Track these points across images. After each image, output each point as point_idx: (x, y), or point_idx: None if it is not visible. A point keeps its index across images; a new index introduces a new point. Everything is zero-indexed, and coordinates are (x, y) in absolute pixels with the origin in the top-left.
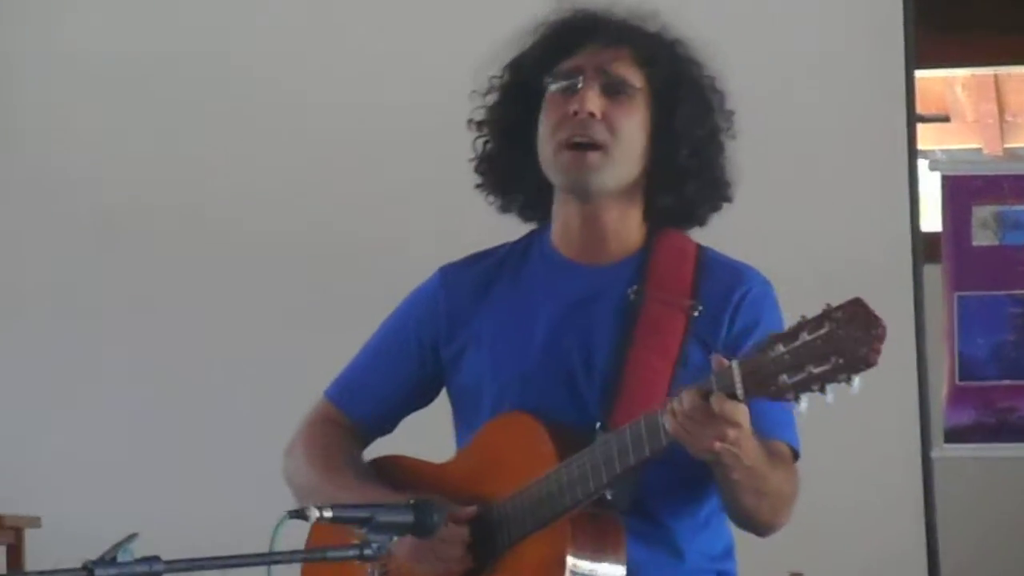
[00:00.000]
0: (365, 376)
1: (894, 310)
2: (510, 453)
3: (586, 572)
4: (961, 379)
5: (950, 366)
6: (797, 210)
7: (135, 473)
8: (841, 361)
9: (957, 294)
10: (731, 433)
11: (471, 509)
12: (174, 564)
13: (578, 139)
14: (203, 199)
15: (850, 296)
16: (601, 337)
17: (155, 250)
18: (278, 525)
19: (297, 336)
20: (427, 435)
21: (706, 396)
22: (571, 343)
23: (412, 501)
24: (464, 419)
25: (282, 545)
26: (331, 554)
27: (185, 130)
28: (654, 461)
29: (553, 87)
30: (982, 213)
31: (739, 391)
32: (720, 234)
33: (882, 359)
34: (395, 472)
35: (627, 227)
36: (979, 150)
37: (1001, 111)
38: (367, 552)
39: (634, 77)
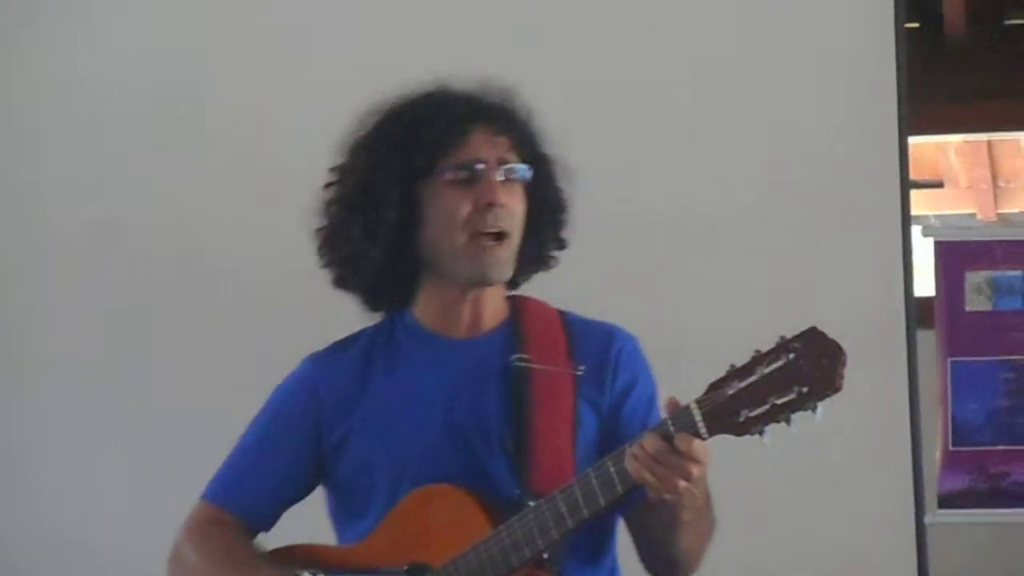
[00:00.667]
0: (248, 472)
1: (888, 375)
2: (437, 523)
3: None
4: (955, 444)
5: (944, 431)
6: (790, 276)
7: (130, 525)
8: (806, 390)
9: (951, 359)
10: (695, 471)
11: None
12: None
13: (491, 229)
14: (202, 203)
15: (848, 363)
16: (495, 406)
17: (151, 256)
18: None
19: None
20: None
21: (668, 438)
22: (465, 416)
23: (407, 567)
24: (349, 506)
25: None
26: None
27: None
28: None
29: (450, 175)
30: (976, 278)
31: (702, 430)
32: (712, 302)
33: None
34: (301, 560)
35: (497, 298)
36: (973, 215)
37: (995, 176)
38: None
39: (519, 162)
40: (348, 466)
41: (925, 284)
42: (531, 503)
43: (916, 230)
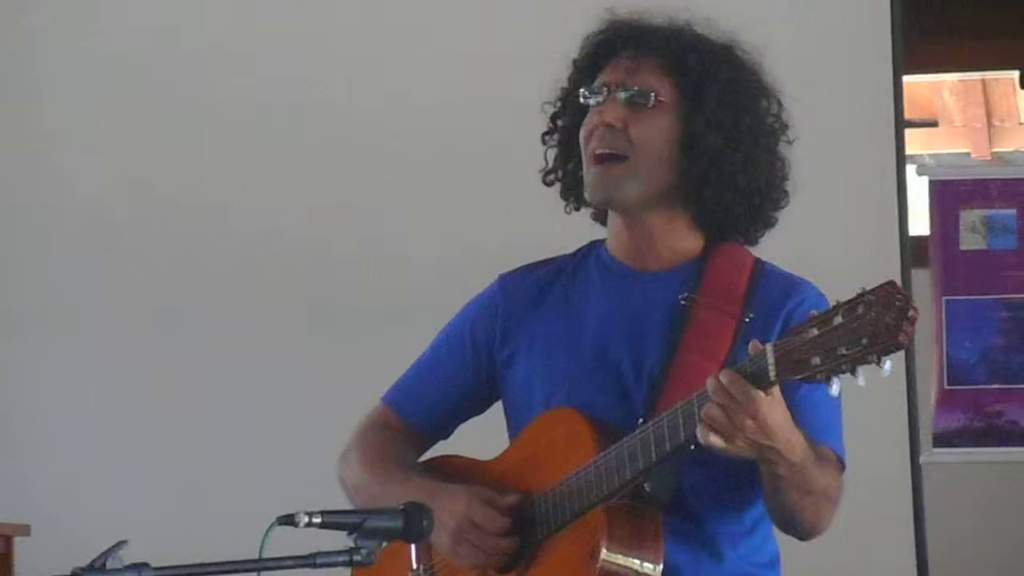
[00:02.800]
0: (421, 381)
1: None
2: (552, 447)
3: (620, 564)
4: (950, 383)
5: (939, 370)
6: (785, 215)
7: (125, 481)
8: (871, 343)
9: (945, 298)
10: (748, 421)
11: (511, 498)
12: (163, 571)
13: (599, 150)
14: (202, 205)
15: (842, 297)
16: (651, 341)
17: (150, 257)
18: (267, 531)
19: (292, 343)
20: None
21: (741, 376)
22: (621, 346)
23: (403, 505)
24: (517, 423)
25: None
26: (320, 560)
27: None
28: (698, 462)
29: (585, 100)
30: (970, 217)
31: (771, 373)
32: None
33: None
34: (445, 470)
35: (675, 235)
36: (967, 154)
37: (989, 115)
38: (356, 558)
39: (661, 86)
40: (514, 383)
41: (919, 223)
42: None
43: (911, 169)
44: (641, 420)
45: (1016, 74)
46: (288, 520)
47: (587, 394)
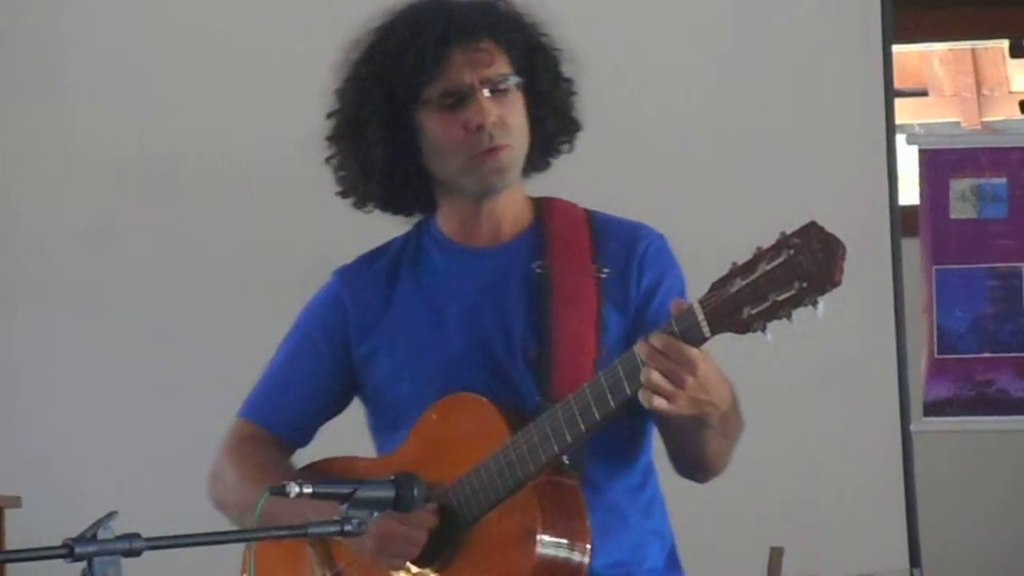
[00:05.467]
0: (279, 388)
1: (873, 284)
2: (458, 434)
3: (555, 539)
4: (940, 352)
5: (929, 339)
6: (775, 184)
7: (116, 452)
8: (806, 284)
9: (935, 267)
10: (688, 378)
11: (432, 505)
12: (154, 541)
13: (484, 149)
14: (209, 180)
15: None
16: (517, 315)
17: (149, 230)
18: (260, 503)
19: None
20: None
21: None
22: (488, 325)
23: (394, 476)
24: (383, 419)
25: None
26: (312, 529)
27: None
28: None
29: (435, 103)
30: (960, 186)
31: (704, 329)
32: (699, 210)
33: (862, 333)
34: (333, 472)
35: (516, 203)
36: (957, 123)
37: (979, 84)
38: (348, 528)
39: (505, 67)
40: (378, 378)
41: (909, 192)
42: (548, 409)
43: (900, 138)
44: (539, 399)
45: (1006, 43)
46: (279, 491)
47: (464, 378)
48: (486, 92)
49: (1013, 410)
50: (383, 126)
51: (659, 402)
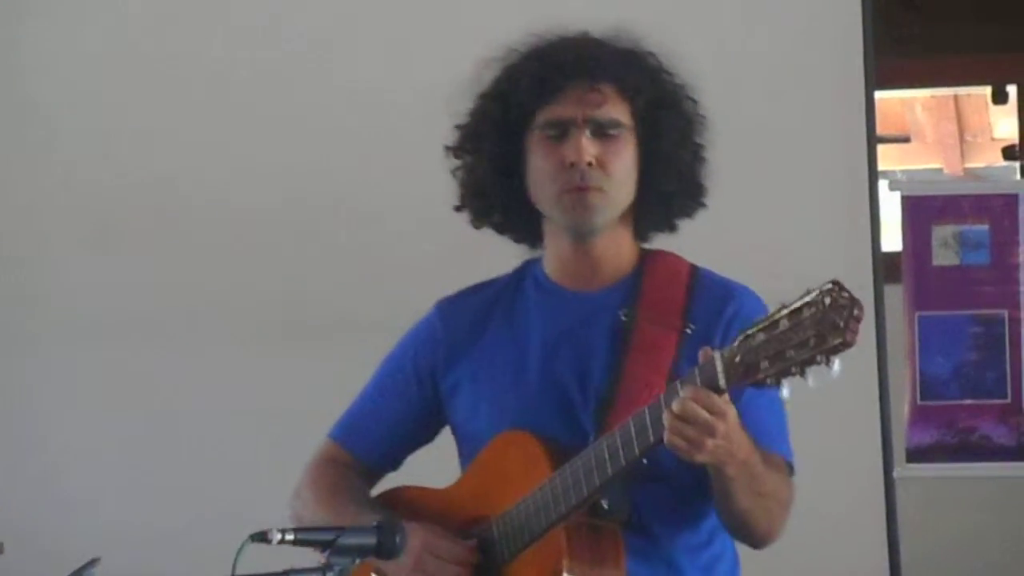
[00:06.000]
0: (368, 414)
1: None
2: (507, 470)
3: None
4: (923, 399)
5: (911, 386)
6: (758, 230)
7: (99, 499)
8: (819, 344)
9: (918, 314)
10: (720, 426)
11: (473, 541)
12: None
13: (581, 187)
14: (204, 206)
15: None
16: (596, 359)
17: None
18: (240, 548)
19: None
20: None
21: (693, 390)
22: (566, 367)
23: (376, 523)
24: (466, 450)
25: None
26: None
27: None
28: (650, 476)
29: (539, 132)
30: (942, 233)
31: (721, 380)
32: (682, 255)
33: (844, 378)
34: (401, 502)
35: (619, 252)
36: (939, 170)
37: (961, 131)
38: (330, 574)
39: (620, 114)
40: (461, 410)
41: (892, 239)
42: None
43: (883, 185)
44: (592, 438)
45: (988, 90)
46: (261, 537)
47: (536, 417)
48: (588, 131)
49: (995, 457)
50: (496, 143)
51: (684, 449)
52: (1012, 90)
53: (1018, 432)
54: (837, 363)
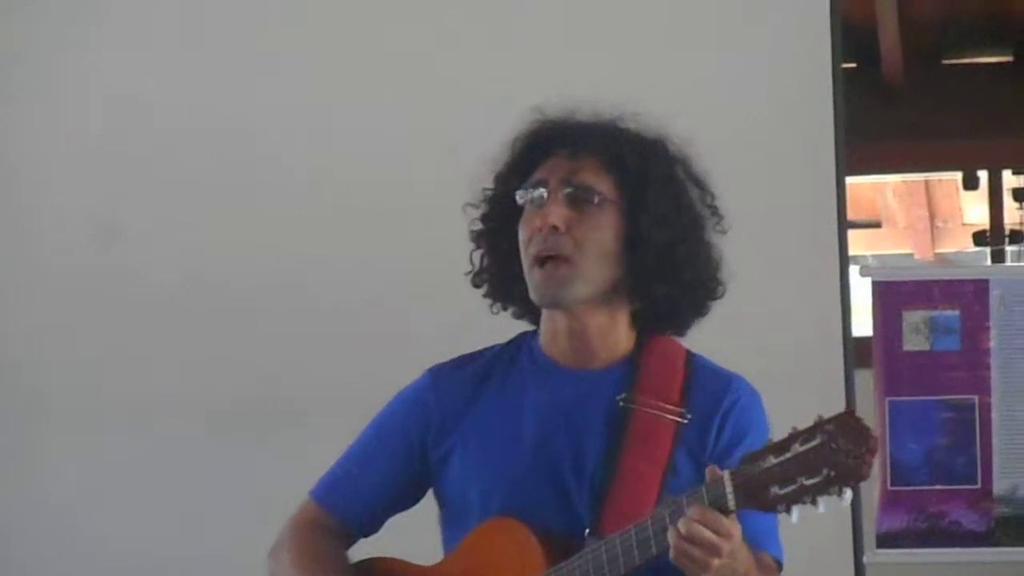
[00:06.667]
0: (353, 477)
1: (826, 414)
2: (498, 559)
3: None
4: (893, 484)
5: (882, 471)
6: (728, 314)
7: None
8: (833, 474)
9: (889, 399)
10: (725, 547)
11: None
12: None
13: (544, 253)
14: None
15: (787, 402)
16: (591, 442)
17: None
18: None
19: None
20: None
21: (700, 511)
22: (561, 447)
23: None
24: (451, 520)
25: None
26: None
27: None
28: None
29: (522, 200)
30: (913, 318)
31: (730, 502)
32: None
33: None
34: (380, 574)
35: (614, 332)
36: (910, 255)
37: (932, 216)
38: None
39: (601, 184)
40: (450, 479)
41: (863, 324)
42: (584, 551)
43: (854, 270)
44: (588, 531)
45: (959, 175)
46: None
47: (527, 493)
48: (563, 194)
49: (966, 542)
50: (497, 223)
51: (686, 563)
52: (983, 176)
53: (988, 518)
54: (848, 493)
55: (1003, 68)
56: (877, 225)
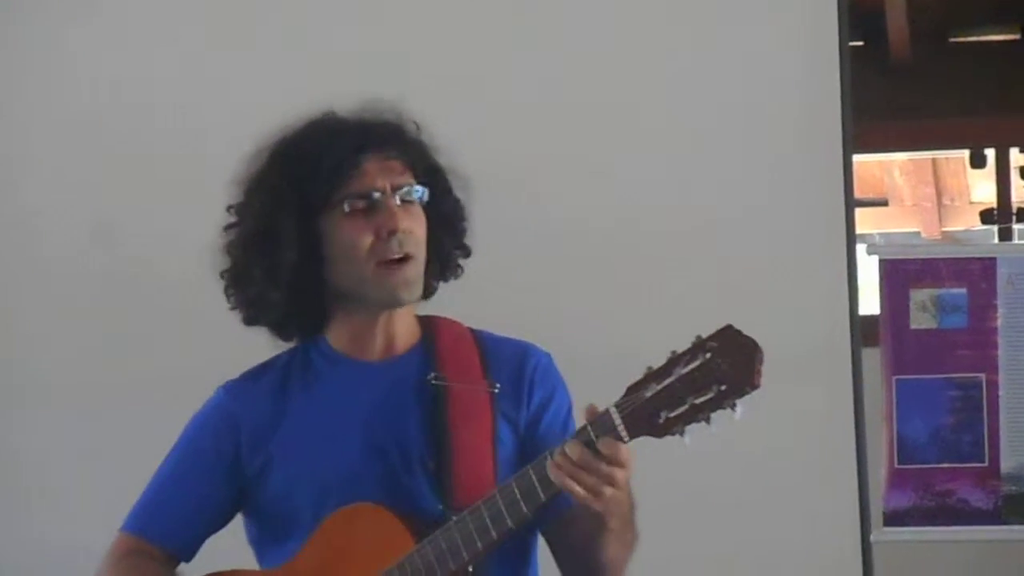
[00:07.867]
0: (166, 501)
1: (833, 393)
2: (361, 542)
3: None
4: (900, 462)
5: (889, 449)
6: (735, 294)
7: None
8: (724, 388)
9: (896, 377)
10: (620, 475)
11: None
12: None
13: (395, 256)
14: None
15: (794, 381)
16: (413, 426)
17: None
18: None
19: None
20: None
21: (591, 444)
22: (384, 437)
23: None
24: (271, 531)
25: None
26: None
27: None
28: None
29: (348, 207)
30: (920, 296)
31: (623, 433)
32: (657, 318)
33: (822, 442)
34: None
35: (409, 320)
36: (917, 233)
37: (939, 194)
38: None
39: (413, 181)
40: (270, 492)
41: (870, 302)
42: (455, 517)
43: (861, 248)
44: (441, 508)
45: (966, 153)
46: None
47: (361, 489)
48: (397, 200)
49: (973, 520)
50: (296, 232)
51: (578, 490)
52: (990, 154)
53: (995, 496)
54: (740, 407)
55: (1010, 46)
56: (884, 203)
